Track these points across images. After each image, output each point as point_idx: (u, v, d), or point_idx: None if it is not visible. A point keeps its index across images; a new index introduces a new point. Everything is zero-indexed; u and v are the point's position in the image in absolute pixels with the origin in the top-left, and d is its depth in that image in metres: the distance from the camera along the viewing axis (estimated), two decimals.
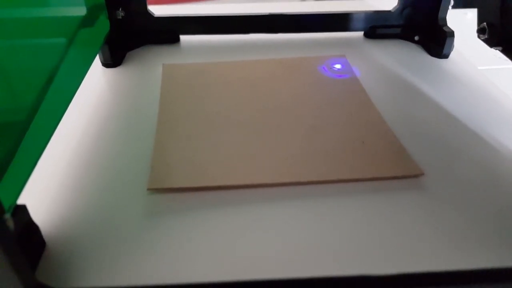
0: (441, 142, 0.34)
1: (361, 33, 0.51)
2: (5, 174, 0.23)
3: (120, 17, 0.45)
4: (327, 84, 0.41)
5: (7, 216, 0.21)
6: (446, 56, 0.46)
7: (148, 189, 0.28)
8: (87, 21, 0.40)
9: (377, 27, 0.50)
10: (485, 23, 0.36)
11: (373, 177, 0.30)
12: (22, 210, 0.22)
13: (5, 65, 0.26)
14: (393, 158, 0.31)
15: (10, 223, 0.21)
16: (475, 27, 0.38)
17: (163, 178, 0.29)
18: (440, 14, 0.46)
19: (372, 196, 0.28)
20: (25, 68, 0.29)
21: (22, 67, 0.28)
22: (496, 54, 0.37)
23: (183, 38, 0.50)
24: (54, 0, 0.35)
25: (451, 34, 0.45)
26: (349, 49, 0.48)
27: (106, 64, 0.44)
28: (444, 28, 0.46)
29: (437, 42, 0.46)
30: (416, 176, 0.30)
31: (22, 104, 0.27)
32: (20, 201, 0.23)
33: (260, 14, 0.49)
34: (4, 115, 0.26)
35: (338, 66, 0.44)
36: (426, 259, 0.24)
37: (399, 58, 0.46)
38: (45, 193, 0.28)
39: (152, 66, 0.44)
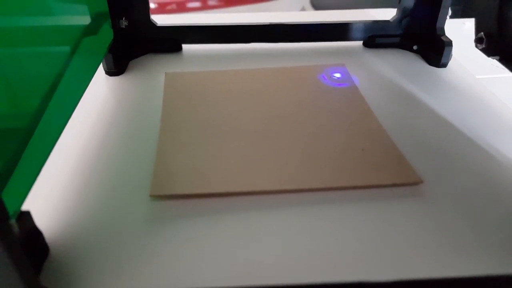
0: (439, 150, 0.34)
1: (360, 43, 0.52)
2: (9, 180, 0.23)
3: (124, 26, 0.46)
4: (327, 93, 0.42)
5: (12, 221, 0.21)
6: (444, 65, 0.47)
7: (150, 196, 0.29)
8: (90, 30, 0.40)
9: (376, 36, 0.51)
10: (482, 33, 0.37)
11: (372, 184, 0.30)
12: (26, 216, 0.23)
13: (9, 73, 0.27)
14: (392, 165, 0.32)
15: (15, 229, 0.21)
16: (473, 36, 0.39)
17: (165, 184, 0.29)
18: (438, 24, 0.47)
19: (371, 203, 0.29)
20: (29, 75, 0.29)
21: (26, 74, 0.29)
22: (494, 63, 0.37)
23: (185, 47, 0.50)
24: (58, 9, 0.36)
25: (449, 43, 0.46)
26: (348, 58, 0.48)
27: (110, 72, 0.45)
28: (443, 37, 0.46)
29: (436, 51, 0.47)
30: (415, 184, 0.30)
31: (25, 111, 0.28)
32: (24, 207, 0.23)
33: (260, 24, 0.50)
34: (8, 121, 0.26)
35: (337, 75, 0.45)
36: (426, 266, 0.24)
37: (398, 67, 0.47)
38: (49, 199, 0.28)
39: (155, 75, 0.45)
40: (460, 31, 0.60)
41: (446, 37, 0.46)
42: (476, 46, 0.38)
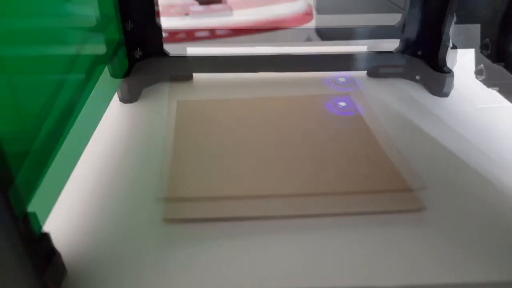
0: (444, 157, 0.35)
1: (364, 72, 0.53)
2: (15, 181, 0.23)
3: (138, 56, 0.48)
4: (332, 120, 0.43)
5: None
6: (446, 95, 0.48)
7: (163, 219, 0.29)
8: (105, 59, 0.42)
9: (379, 66, 0.52)
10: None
11: (377, 210, 0.30)
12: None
13: (14, 76, 0.27)
14: (396, 190, 0.32)
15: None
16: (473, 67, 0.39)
17: (178, 209, 0.30)
18: (440, 55, 0.48)
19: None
20: (33, 77, 0.30)
21: (29, 76, 0.30)
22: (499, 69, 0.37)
23: (196, 76, 0.52)
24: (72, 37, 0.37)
25: (451, 74, 0.47)
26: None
27: (124, 100, 0.47)
28: (444, 68, 0.47)
29: (437, 81, 0.47)
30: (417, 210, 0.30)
31: (28, 113, 0.28)
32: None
33: (268, 54, 0.52)
34: (11, 125, 0.26)
35: (343, 103, 0.46)
36: (429, 273, 0.25)
37: (401, 96, 0.48)
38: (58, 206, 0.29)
39: (167, 102, 0.46)
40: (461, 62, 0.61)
41: (448, 67, 0.48)
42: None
